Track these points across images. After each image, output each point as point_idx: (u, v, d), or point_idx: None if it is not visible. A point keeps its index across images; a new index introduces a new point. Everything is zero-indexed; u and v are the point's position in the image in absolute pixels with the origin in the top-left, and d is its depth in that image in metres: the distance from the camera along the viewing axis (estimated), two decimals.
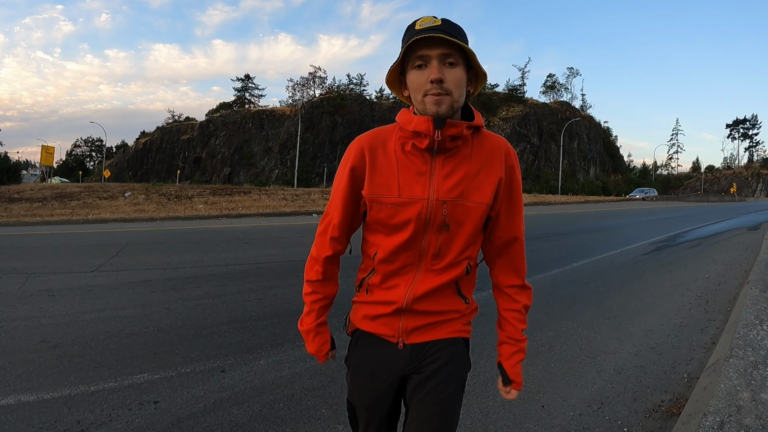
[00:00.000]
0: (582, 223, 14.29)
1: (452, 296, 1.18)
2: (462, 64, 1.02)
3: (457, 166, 1.07)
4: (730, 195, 56.80)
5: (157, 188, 23.93)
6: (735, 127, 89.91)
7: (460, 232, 1.10)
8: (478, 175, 1.08)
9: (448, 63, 1.00)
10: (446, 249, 1.11)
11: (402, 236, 1.11)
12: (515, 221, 1.16)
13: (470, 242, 1.13)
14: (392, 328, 1.18)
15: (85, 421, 2.27)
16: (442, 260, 1.12)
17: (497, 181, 1.09)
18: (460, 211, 1.08)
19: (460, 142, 1.07)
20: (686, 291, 5.30)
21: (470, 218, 1.09)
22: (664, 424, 2.34)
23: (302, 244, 8.31)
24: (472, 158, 1.08)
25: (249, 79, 76.71)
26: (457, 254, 1.12)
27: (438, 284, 1.13)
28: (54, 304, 4.23)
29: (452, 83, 1.00)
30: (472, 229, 1.11)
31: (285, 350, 3.23)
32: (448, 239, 1.11)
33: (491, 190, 1.09)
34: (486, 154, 1.09)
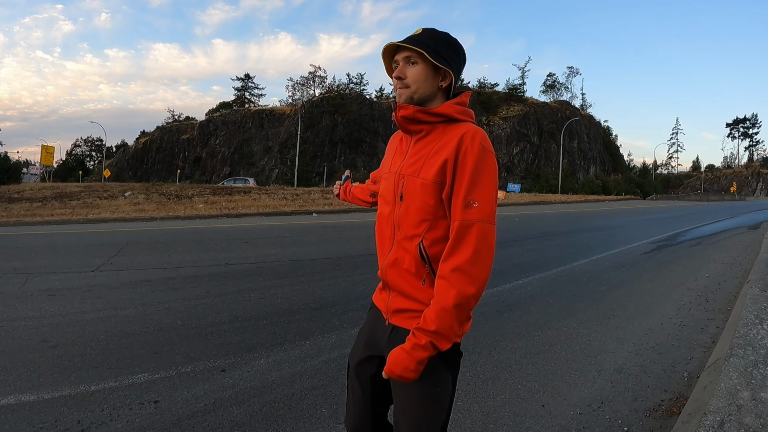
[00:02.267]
0: (582, 223, 14.29)
1: (419, 281, 1.21)
2: (422, 62, 1.21)
3: (423, 148, 1.24)
4: (730, 194, 56.78)
5: (157, 188, 23.92)
6: (735, 126, 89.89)
7: (411, 206, 1.22)
8: (434, 156, 1.19)
9: (411, 63, 1.23)
10: (403, 221, 1.24)
11: (384, 208, 1.32)
12: (454, 206, 1.15)
13: (420, 218, 1.20)
14: (384, 304, 1.32)
15: (85, 421, 2.27)
16: (400, 232, 1.25)
17: (443, 162, 1.17)
18: (411, 186, 1.22)
19: (424, 127, 1.24)
20: (686, 290, 5.30)
21: (418, 193, 1.20)
22: (664, 423, 2.34)
23: (302, 244, 8.31)
24: (435, 144, 1.21)
25: (249, 78, 76.70)
26: (410, 228, 1.22)
27: (403, 259, 1.23)
28: (54, 304, 4.23)
29: (410, 78, 1.23)
30: (419, 203, 1.20)
31: (285, 350, 3.23)
32: (405, 212, 1.23)
33: (436, 169, 1.17)
34: (446, 139, 1.20)
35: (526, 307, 4.40)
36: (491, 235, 1.14)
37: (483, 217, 1.12)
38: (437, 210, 1.19)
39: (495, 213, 1.16)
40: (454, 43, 1.26)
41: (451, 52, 1.24)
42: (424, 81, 1.22)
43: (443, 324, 1.10)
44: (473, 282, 1.10)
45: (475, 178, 1.14)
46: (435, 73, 1.23)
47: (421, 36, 1.23)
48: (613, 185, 56.62)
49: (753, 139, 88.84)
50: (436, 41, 1.22)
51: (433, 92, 1.24)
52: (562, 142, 52.14)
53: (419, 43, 1.20)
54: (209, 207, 16.23)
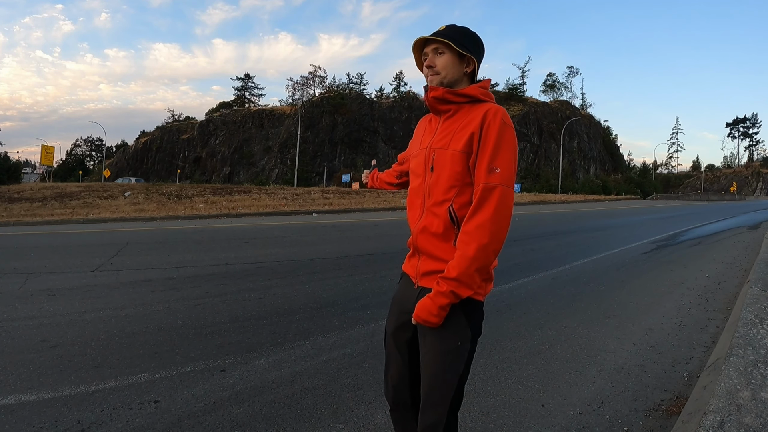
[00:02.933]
0: (582, 222, 14.29)
1: (447, 243, 1.37)
2: (449, 52, 1.41)
3: (451, 125, 1.42)
4: (730, 194, 56.77)
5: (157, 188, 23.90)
6: (735, 126, 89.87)
7: (442, 175, 1.38)
8: (461, 130, 1.37)
9: (439, 53, 1.43)
10: (434, 189, 1.40)
11: (415, 180, 1.51)
12: (478, 171, 1.32)
13: (450, 185, 1.36)
14: (413, 270, 1.48)
15: (85, 421, 2.27)
16: (431, 199, 1.41)
17: (470, 135, 1.34)
18: (441, 157, 1.39)
19: (452, 107, 1.42)
20: (686, 290, 5.29)
21: (447, 162, 1.37)
22: (664, 423, 2.34)
23: (302, 244, 8.31)
24: (462, 121, 1.39)
25: (249, 78, 76.71)
26: (440, 194, 1.38)
27: (433, 223, 1.39)
28: (54, 304, 4.23)
29: (439, 66, 1.43)
30: (449, 172, 1.37)
31: (285, 349, 3.23)
32: (435, 180, 1.40)
33: (464, 141, 1.34)
34: (472, 116, 1.37)
35: (526, 307, 4.40)
36: (510, 197, 1.29)
37: (504, 182, 1.28)
38: (465, 177, 1.35)
39: (514, 179, 1.31)
40: (473, 35, 1.46)
41: (472, 43, 1.44)
42: (452, 67, 1.42)
43: (464, 272, 1.26)
44: (492, 237, 1.26)
45: (497, 148, 1.30)
46: (460, 61, 1.42)
47: (446, 31, 1.43)
48: (613, 185, 56.62)
49: (753, 139, 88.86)
50: (459, 34, 1.42)
51: (460, 77, 1.44)
52: (562, 142, 52.13)
53: (445, 35, 1.40)
54: (209, 207, 16.23)
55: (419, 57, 1.50)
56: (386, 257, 6.91)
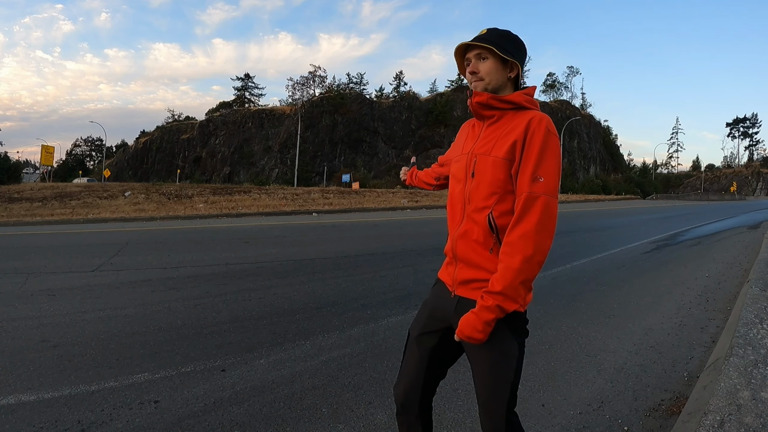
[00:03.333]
0: (582, 222, 14.28)
1: (486, 251, 1.34)
2: (492, 57, 1.38)
3: (494, 131, 1.39)
4: (730, 194, 56.76)
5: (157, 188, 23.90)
6: (735, 126, 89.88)
7: (482, 181, 1.36)
8: (505, 137, 1.34)
9: (482, 59, 1.40)
10: (474, 195, 1.38)
11: (455, 186, 1.48)
12: (521, 180, 1.29)
13: (490, 192, 1.34)
14: (449, 277, 1.46)
15: (85, 421, 2.27)
16: (471, 205, 1.38)
17: (512, 142, 1.31)
18: (482, 163, 1.37)
19: (496, 113, 1.39)
20: (686, 290, 5.29)
21: (489, 169, 1.34)
22: (664, 423, 2.34)
23: (302, 244, 8.31)
24: (506, 127, 1.36)
25: (249, 78, 76.75)
26: (480, 200, 1.36)
27: (472, 230, 1.37)
28: (54, 304, 4.23)
29: (483, 72, 1.39)
30: (490, 178, 1.34)
31: (285, 349, 3.23)
32: (476, 187, 1.38)
33: (506, 148, 1.32)
34: (516, 123, 1.34)
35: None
36: (554, 207, 1.27)
37: (548, 191, 1.26)
38: (506, 184, 1.33)
39: (558, 188, 1.29)
40: (515, 39, 1.42)
41: (515, 47, 1.40)
42: (495, 73, 1.39)
43: (509, 285, 1.23)
44: (536, 248, 1.24)
45: (541, 156, 1.27)
46: (503, 66, 1.39)
47: (487, 35, 1.40)
48: (613, 185, 56.64)
49: (753, 139, 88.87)
50: (501, 38, 1.39)
51: (504, 82, 1.41)
52: (562, 142, 51.98)
53: (487, 41, 1.37)
54: (209, 207, 16.23)
55: (461, 62, 1.46)
56: (386, 257, 6.91)
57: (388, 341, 3.41)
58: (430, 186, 1.93)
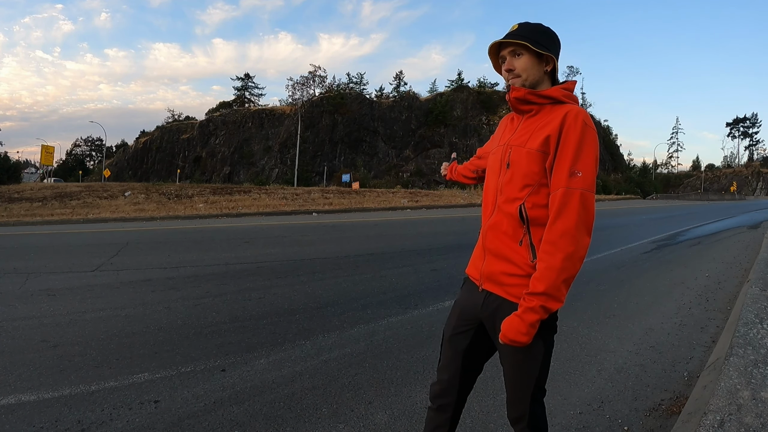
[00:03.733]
0: None
1: (518, 244, 1.33)
2: (527, 53, 1.37)
3: (532, 124, 1.39)
4: (730, 193, 56.76)
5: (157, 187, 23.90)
6: (735, 126, 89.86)
7: (516, 173, 1.36)
8: (540, 130, 1.34)
9: (517, 55, 1.39)
10: (506, 187, 1.38)
11: (490, 178, 1.48)
12: (558, 174, 1.27)
13: (524, 183, 1.33)
14: (477, 271, 1.45)
15: (85, 421, 2.27)
16: (503, 196, 1.38)
17: (547, 135, 1.30)
18: (517, 154, 1.37)
19: (534, 107, 1.39)
20: (686, 289, 5.29)
21: (523, 161, 1.34)
22: (664, 423, 2.34)
23: (302, 243, 8.31)
24: (543, 120, 1.36)
25: (249, 78, 76.73)
26: (513, 192, 1.35)
27: (503, 221, 1.37)
28: (54, 304, 4.23)
29: (519, 69, 1.39)
30: (523, 169, 1.34)
31: (285, 349, 3.23)
32: (509, 178, 1.37)
33: (541, 140, 1.31)
34: (552, 116, 1.33)
35: None
36: (592, 202, 1.26)
37: (586, 186, 1.25)
38: (541, 177, 1.32)
39: (595, 183, 1.28)
40: (548, 31, 1.41)
41: (549, 40, 1.39)
42: (531, 68, 1.38)
43: (552, 284, 1.21)
44: (577, 244, 1.22)
45: (579, 150, 1.26)
46: (539, 61, 1.38)
47: (519, 30, 1.39)
48: (613, 185, 56.61)
49: (753, 139, 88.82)
50: (534, 32, 1.38)
51: (540, 77, 1.40)
52: None
53: (520, 36, 1.36)
54: (209, 207, 16.23)
55: (496, 61, 1.46)
56: (386, 257, 6.91)
57: (388, 341, 3.41)
58: (468, 179, 1.92)
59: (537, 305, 1.22)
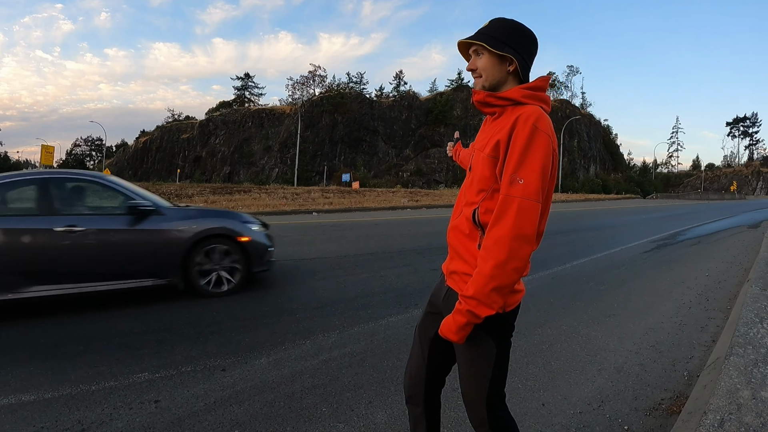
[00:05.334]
0: (582, 222, 14.29)
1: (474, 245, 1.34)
2: (487, 53, 1.34)
3: (493, 127, 1.36)
4: (730, 193, 56.74)
5: (157, 187, 23.91)
6: (735, 125, 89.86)
7: (474, 177, 1.38)
8: (495, 134, 1.32)
9: (478, 54, 1.37)
10: (467, 190, 1.41)
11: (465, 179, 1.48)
12: (503, 179, 1.26)
13: (479, 188, 1.34)
14: (445, 267, 1.49)
15: (85, 421, 2.27)
16: (465, 199, 1.41)
17: (497, 141, 1.29)
18: (477, 159, 1.38)
19: (496, 110, 1.36)
20: (686, 289, 5.29)
21: (479, 164, 1.36)
22: (664, 422, 2.34)
23: (302, 243, 8.31)
24: (503, 122, 1.32)
25: (249, 77, 76.76)
26: (471, 196, 1.38)
27: (461, 223, 1.39)
28: (54, 304, 4.22)
29: (480, 68, 1.36)
30: (479, 174, 1.35)
31: (285, 349, 3.23)
32: (470, 182, 1.40)
33: (492, 146, 1.31)
34: (508, 121, 1.30)
35: (527, 306, 4.40)
36: (533, 212, 1.20)
37: (527, 194, 1.20)
38: (493, 182, 1.31)
39: (540, 191, 1.22)
40: (519, 28, 1.35)
41: (516, 38, 1.33)
42: (491, 69, 1.34)
43: (480, 290, 1.20)
44: (510, 254, 1.19)
45: (523, 157, 1.22)
46: (501, 61, 1.33)
47: (485, 28, 1.36)
48: (613, 184, 56.65)
49: (753, 138, 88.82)
50: (500, 30, 1.34)
51: (503, 77, 1.35)
52: (562, 141, 52.13)
53: (482, 35, 1.34)
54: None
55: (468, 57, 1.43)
56: (386, 256, 6.91)
57: (389, 341, 3.41)
58: None
59: (465, 309, 1.23)
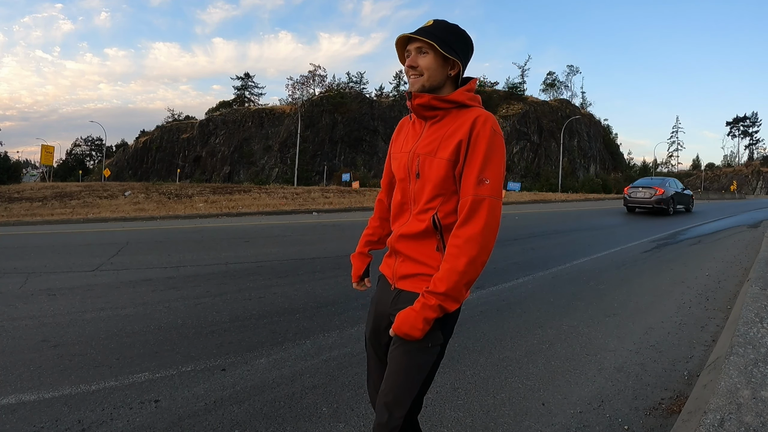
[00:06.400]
0: (582, 221, 14.28)
1: (432, 249, 1.34)
2: (433, 53, 1.32)
3: (438, 130, 1.36)
4: (730, 193, 56.74)
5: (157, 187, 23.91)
6: (735, 125, 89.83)
7: (427, 182, 1.35)
8: (450, 138, 1.31)
9: (422, 53, 1.33)
10: (419, 196, 1.38)
11: (399, 184, 1.46)
12: (467, 181, 1.28)
13: (435, 194, 1.33)
14: (390, 270, 1.46)
15: (86, 420, 2.27)
16: (416, 206, 1.39)
17: (457, 143, 1.29)
18: (428, 164, 1.34)
19: (439, 113, 1.36)
20: (686, 289, 5.29)
21: (434, 171, 1.33)
22: (664, 422, 2.35)
23: (303, 243, 8.31)
24: (450, 126, 1.33)
25: (249, 77, 76.71)
26: (425, 202, 1.36)
27: (417, 229, 1.36)
28: (54, 304, 4.23)
29: (423, 66, 1.33)
30: (435, 181, 1.33)
31: (286, 348, 3.23)
32: (421, 188, 1.37)
33: (451, 149, 1.30)
34: (460, 122, 1.31)
35: (527, 306, 4.40)
36: (499, 209, 1.27)
37: (493, 194, 1.26)
38: (450, 185, 1.32)
39: (502, 189, 1.29)
40: (462, 34, 1.36)
41: (460, 43, 1.35)
42: (435, 69, 1.33)
43: (453, 286, 1.22)
44: (482, 249, 1.24)
45: (487, 158, 1.26)
46: (444, 63, 1.34)
47: (432, 28, 1.34)
48: (613, 184, 56.58)
49: (753, 138, 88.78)
50: (446, 32, 1.33)
51: (443, 80, 1.36)
52: (562, 141, 52.10)
53: (430, 35, 1.31)
54: (209, 206, 16.22)
55: (402, 53, 1.41)
56: None
57: None
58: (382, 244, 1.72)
59: (436, 304, 1.23)
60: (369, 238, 1.71)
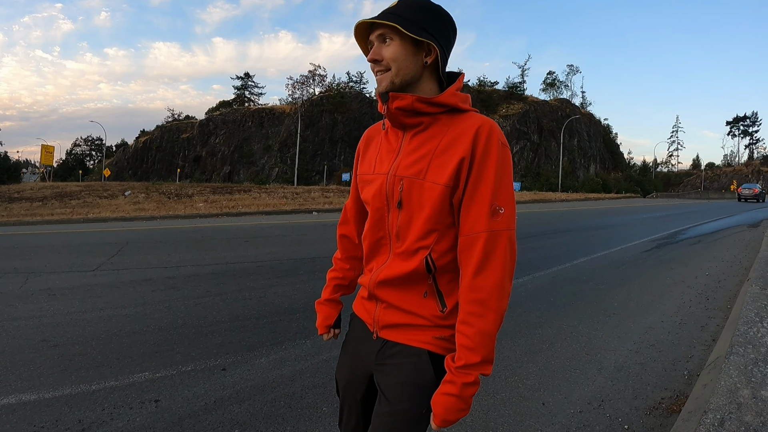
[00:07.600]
0: (582, 221, 14.28)
1: (422, 296, 1.07)
2: (399, 38, 1.02)
3: (424, 143, 1.05)
4: (730, 192, 56.72)
5: (157, 187, 23.91)
6: (735, 125, 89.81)
7: (419, 215, 1.04)
8: (443, 154, 1.02)
9: (386, 41, 1.03)
10: (405, 231, 1.07)
11: (373, 214, 1.12)
12: (477, 212, 1.00)
13: (428, 229, 1.04)
14: (370, 316, 1.18)
15: (86, 420, 2.27)
16: (401, 243, 1.08)
17: (458, 162, 1.00)
18: (417, 191, 1.03)
19: (425, 120, 1.05)
20: (686, 288, 5.29)
21: (425, 199, 1.02)
22: (664, 422, 2.35)
23: (303, 243, 8.31)
24: (441, 137, 1.04)
25: (249, 77, 76.67)
26: (414, 240, 1.05)
27: (402, 272, 1.06)
28: (54, 304, 4.23)
29: (388, 58, 1.02)
30: (428, 212, 1.02)
31: (286, 348, 3.23)
32: (407, 221, 1.06)
33: (450, 172, 1.00)
34: (457, 133, 1.03)
35: (527, 305, 4.40)
36: (515, 241, 1.04)
37: (510, 225, 1.01)
38: (447, 217, 1.04)
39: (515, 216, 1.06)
40: (437, 9, 1.05)
41: (434, 22, 1.03)
42: (404, 60, 1.02)
43: (488, 351, 1.00)
44: (506, 295, 1.01)
45: (499, 181, 1.00)
46: (416, 49, 1.03)
47: (395, 8, 1.03)
48: (613, 183, 56.61)
49: (753, 137, 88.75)
50: (414, 10, 1.02)
51: (418, 71, 1.05)
52: (562, 141, 52.11)
53: (392, 16, 1.01)
54: (209, 206, 16.22)
55: (365, 46, 1.10)
56: None
57: None
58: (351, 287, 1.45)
59: (475, 378, 1.00)
60: (338, 282, 1.39)
